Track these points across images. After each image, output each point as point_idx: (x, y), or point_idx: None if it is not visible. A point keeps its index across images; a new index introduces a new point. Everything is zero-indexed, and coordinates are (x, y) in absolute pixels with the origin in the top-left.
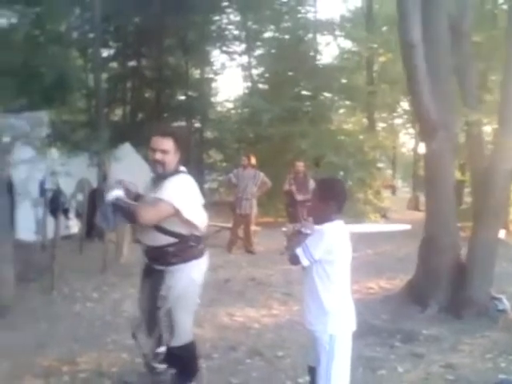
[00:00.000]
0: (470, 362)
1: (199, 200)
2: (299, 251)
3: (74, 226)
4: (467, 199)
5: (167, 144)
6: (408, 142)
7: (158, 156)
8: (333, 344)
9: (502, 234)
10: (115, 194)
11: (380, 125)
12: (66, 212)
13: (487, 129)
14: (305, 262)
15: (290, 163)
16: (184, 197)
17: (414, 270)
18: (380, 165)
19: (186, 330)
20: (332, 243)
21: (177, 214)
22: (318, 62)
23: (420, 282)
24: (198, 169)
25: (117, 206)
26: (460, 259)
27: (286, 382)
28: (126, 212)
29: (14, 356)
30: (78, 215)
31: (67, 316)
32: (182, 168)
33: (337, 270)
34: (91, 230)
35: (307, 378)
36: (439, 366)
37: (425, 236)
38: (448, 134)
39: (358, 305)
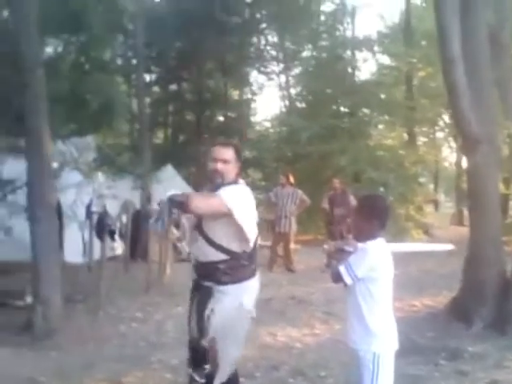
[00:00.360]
0: None
1: (254, 214)
2: (342, 269)
3: (119, 247)
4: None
5: (228, 154)
6: (450, 155)
7: (219, 166)
8: (377, 363)
9: None
10: (172, 191)
11: (421, 139)
12: (111, 234)
13: None
14: (348, 280)
15: (328, 180)
16: (239, 201)
17: (458, 287)
18: (422, 179)
19: (231, 363)
20: (375, 261)
21: (229, 214)
22: (356, 79)
23: (464, 299)
24: None
25: (172, 200)
26: (505, 274)
27: None
28: (179, 201)
29: (61, 377)
30: (122, 236)
31: (113, 336)
32: (241, 180)
33: (380, 289)
34: (135, 251)
35: None
36: (484, 383)
37: (469, 251)
38: (491, 148)
39: (400, 323)
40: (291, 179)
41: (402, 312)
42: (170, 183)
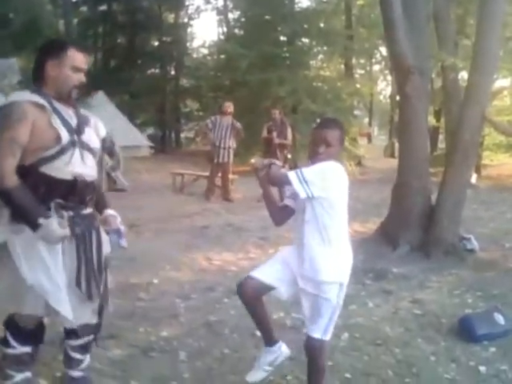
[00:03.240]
0: (437, 298)
1: None
2: (293, 177)
3: None
4: (442, 145)
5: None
6: (385, 89)
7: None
8: (341, 295)
9: (473, 178)
10: None
11: (358, 71)
12: None
13: (465, 75)
14: (302, 193)
15: (267, 111)
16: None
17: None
18: (357, 112)
19: None
20: (336, 179)
21: None
22: (295, 6)
23: (392, 224)
24: (174, 118)
25: None
26: (430, 202)
27: None
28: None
29: None
30: None
31: None
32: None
33: (340, 212)
34: None
35: (281, 314)
36: (407, 301)
37: (397, 179)
38: (422, 79)
39: None
40: (231, 109)
41: None
42: (101, 111)
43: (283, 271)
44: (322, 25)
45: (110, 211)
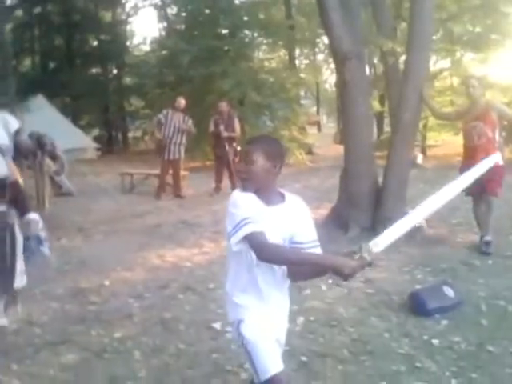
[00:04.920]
0: (388, 275)
1: None
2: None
3: None
4: (387, 129)
5: None
6: (330, 77)
7: None
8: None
9: (419, 159)
10: None
11: (303, 61)
12: None
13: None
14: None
15: (214, 105)
16: None
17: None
18: (303, 102)
19: None
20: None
21: None
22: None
23: (342, 208)
24: (119, 117)
25: None
26: (377, 184)
27: (217, 311)
28: None
29: None
30: None
31: None
32: None
33: None
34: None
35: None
36: (359, 281)
37: (344, 165)
38: (359, 64)
39: None
40: (182, 104)
41: None
42: (41, 114)
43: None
44: (262, 16)
45: (31, 215)
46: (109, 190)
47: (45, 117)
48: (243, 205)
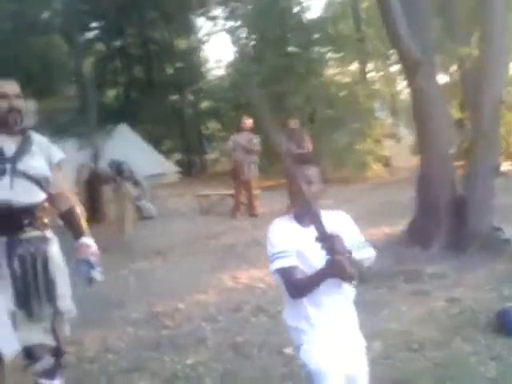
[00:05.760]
0: (473, 294)
1: None
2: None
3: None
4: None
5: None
6: (406, 88)
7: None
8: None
9: (503, 166)
10: None
11: (376, 74)
12: None
13: None
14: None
15: (284, 123)
16: None
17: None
18: (379, 114)
19: None
20: None
21: None
22: (302, 16)
23: (420, 222)
24: (197, 141)
25: None
26: (457, 195)
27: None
28: None
29: None
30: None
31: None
32: None
33: None
34: (94, 213)
35: None
36: (442, 301)
37: (420, 175)
38: (431, 71)
39: None
40: (248, 124)
41: None
42: (125, 142)
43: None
44: (331, 31)
45: (83, 240)
46: (187, 211)
47: (128, 144)
48: (278, 236)
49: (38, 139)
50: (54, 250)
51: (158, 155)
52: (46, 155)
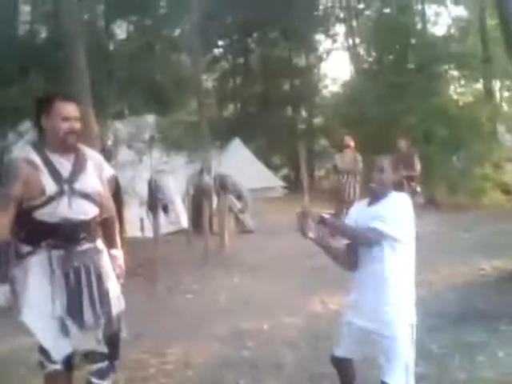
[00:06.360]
0: None
1: None
2: (379, 225)
3: (185, 220)
4: None
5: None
6: None
7: None
8: (413, 333)
9: None
10: None
11: (504, 94)
12: (164, 208)
13: None
14: (395, 233)
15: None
16: None
17: None
18: (502, 137)
19: None
20: (408, 215)
21: None
22: (427, 33)
23: None
24: (307, 157)
25: None
26: None
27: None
28: None
29: None
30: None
31: (167, 308)
32: None
33: (411, 250)
34: (200, 224)
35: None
36: None
37: None
38: None
39: (465, 288)
40: (350, 142)
41: (468, 276)
42: (237, 155)
43: (354, 341)
44: (454, 49)
45: (113, 251)
46: (286, 228)
47: (240, 158)
48: None
49: (91, 155)
50: (105, 259)
51: (267, 170)
52: (98, 171)
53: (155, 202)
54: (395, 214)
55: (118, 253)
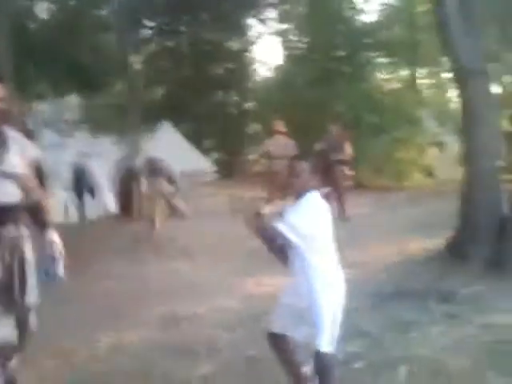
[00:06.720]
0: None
1: None
2: (282, 227)
3: (113, 204)
4: None
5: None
6: (456, 97)
7: None
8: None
9: None
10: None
11: (426, 81)
12: (91, 191)
13: None
14: (294, 238)
15: (325, 127)
16: None
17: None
18: (426, 122)
19: None
20: (316, 214)
21: None
22: (355, 20)
23: (460, 239)
24: (238, 142)
25: None
26: (502, 213)
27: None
28: None
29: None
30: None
31: (97, 294)
32: None
33: (324, 242)
34: (129, 209)
35: None
36: (477, 327)
37: (464, 189)
38: (484, 81)
39: (396, 267)
40: (281, 128)
41: (397, 256)
42: (167, 139)
43: (290, 318)
44: (382, 37)
45: (48, 236)
46: (219, 212)
47: (170, 142)
48: None
49: (13, 135)
50: (28, 247)
51: (198, 154)
52: (20, 151)
53: (80, 186)
54: (298, 216)
55: (55, 236)
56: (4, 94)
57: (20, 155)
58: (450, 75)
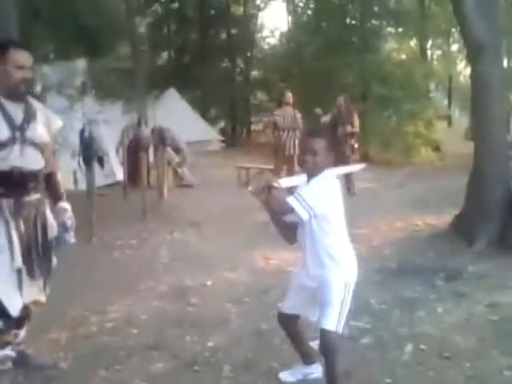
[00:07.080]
0: None
1: None
2: (294, 203)
3: (119, 173)
4: None
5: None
6: (465, 69)
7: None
8: (348, 292)
9: None
10: None
11: (436, 52)
12: (100, 161)
13: None
14: (304, 215)
15: (335, 99)
16: None
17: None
18: (434, 94)
19: None
20: (330, 192)
21: None
22: None
23: (468, 216)
24: (244, 110)
25: None
26: (510, 190)
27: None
28: None
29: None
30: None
31: (104, 263)
32: None
33: (338, 218)
34: (136, 177)
35: None
36: (483, 305)
37: (473, 166)
38: (495, 55)
39: (401, 243)
40: (291, 99)
41: (403, 232)
42: (172, 107)
43: (302, 299)
44: (392, 5)
45: (61, 204)
46: (225, 183)
47: (175, 109)
48: None
49: (40, 106)
50: (48, 210)
51: (204, 122)
52: (46, 122)
53: (89, 153)
54: (312, 193)
55: (67, 205)
56: (29, 63)
57: (46, 126)
58: (459, 47)
